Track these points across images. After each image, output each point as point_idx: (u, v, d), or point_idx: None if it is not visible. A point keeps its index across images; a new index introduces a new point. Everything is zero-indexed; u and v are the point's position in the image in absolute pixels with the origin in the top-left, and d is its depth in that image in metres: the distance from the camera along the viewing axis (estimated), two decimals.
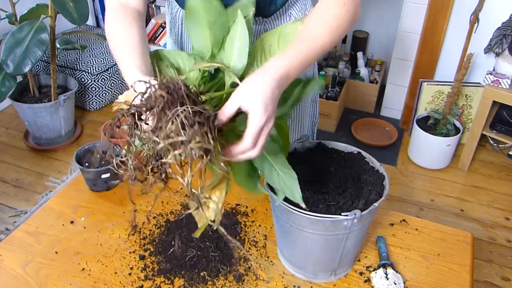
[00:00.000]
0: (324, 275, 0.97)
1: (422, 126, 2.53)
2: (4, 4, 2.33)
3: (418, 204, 2.36)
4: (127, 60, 0.85)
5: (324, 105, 2.78)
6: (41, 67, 3.00)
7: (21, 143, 2.71)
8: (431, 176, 2.54)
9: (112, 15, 0.93)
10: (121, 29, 0.91)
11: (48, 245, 1.05)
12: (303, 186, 0.92)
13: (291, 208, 0.85)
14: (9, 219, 2.20)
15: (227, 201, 1.17)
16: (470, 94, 2.58)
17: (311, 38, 0.82)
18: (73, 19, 2.20)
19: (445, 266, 1.02)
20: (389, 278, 0.95)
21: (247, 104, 0.72)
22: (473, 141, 2.45)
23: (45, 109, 2.51)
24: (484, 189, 2.46)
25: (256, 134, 0.72)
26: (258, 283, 0.97)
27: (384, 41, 3.16)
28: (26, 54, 2.18)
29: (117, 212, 1.14)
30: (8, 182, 2.42)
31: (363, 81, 3.03)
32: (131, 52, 0.86)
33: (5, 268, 0.99)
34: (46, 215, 1.14)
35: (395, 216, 1.14)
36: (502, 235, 2.18)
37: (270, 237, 1.08)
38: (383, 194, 0.89)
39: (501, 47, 2.33)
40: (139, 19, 0.94)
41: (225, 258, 1.00)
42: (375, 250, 1.05)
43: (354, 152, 1.02)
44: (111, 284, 0.96)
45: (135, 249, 1.04)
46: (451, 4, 2.45)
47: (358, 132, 2.84)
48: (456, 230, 1.11)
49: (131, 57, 0.85)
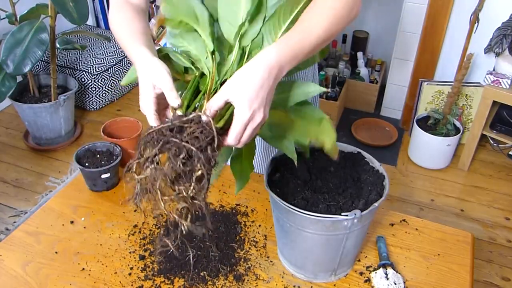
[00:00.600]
0: (324, 275, 0.97)
1: (422, 126, 2.53)
2: (4, 4, 2.33)
3: (418, 204, 2.36)
4: (134, 40, 0.85)
5: (324, 105, 2.78)
6: (41, 67, 3.00)
7: (21, 143, 2.71)
8: (431, 176, 2.54)
9: (116, 10, 0.94)
10: (126, 19, 0.91)
11: (48, 245, 1.05)
12: (303, 186, 0.92)
13: (291, 208, 0.85)
14: (9, 219, 2.20)
15: (227, 201, 1.17)
16: (470, 94, 2.58)
17: (307, 31, 0.80)
18: (73, 19, 2.20)
19: (445, 266, 1.02)
20: (389, 278, 0.95)
21: (233, 97, 0.72)
22: (473, 141, 2.45)
23: (45, 109, 2.51)
24: (484, 189, 2.46)
25: (240, 131, 0.72)
26: (258, 283, 0.96)
27: (384, 41, 3.16)
28: (26, 54, 2.18)
29: (117, 212, 1.14)
30: (8, 182, 2.42)
31: (363, 81, 3.03)
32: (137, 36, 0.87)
33: (5, 268, 0.99)
34: (46, 215, 1.14)
35: (395, 216, 1.14)
36: (502, 235, 2.18)
37: (270, 237, 1.07)
38: (383, 194, 0.89)
39: (501, 47, 2.33)
40: (143, 14, 0.95)
41: (225, 258, 1.00)
42: (375, 250, 1.05)
43: (354, 152, 1.02)
44: (111, 284, 0.96)
45: (135, 249, 1.04)
46: (451, 4, 2.45)
47: (358, 132, 2.84)
48: (456, 230, 1.11)
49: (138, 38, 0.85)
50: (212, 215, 1.12)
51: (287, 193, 0.91)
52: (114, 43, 3.09)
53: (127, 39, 0.87)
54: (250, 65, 0.74)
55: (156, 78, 0.76)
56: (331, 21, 0.82)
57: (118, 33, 0.90)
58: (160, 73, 0.76)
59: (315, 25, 0.80)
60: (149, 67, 0.78)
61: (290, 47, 0.77)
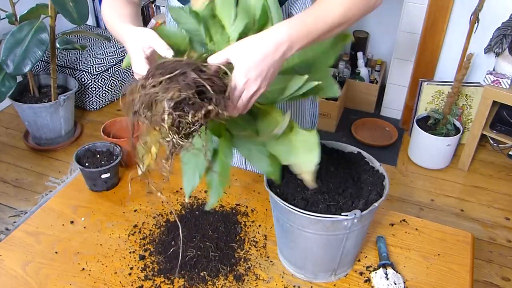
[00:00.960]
0: (324, 275, 0.97)
1: (422, 126, 2.52)
2: (4, 4, 2.33)
3: (418, 204, 2.36)
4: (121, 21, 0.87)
5: (324, 105, 2.78)
6: (41, 67, 3.00)
7: (21, 143, 2.71)
8: (431, 176, 2.54)
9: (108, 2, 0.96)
10: (117, 7, 0.93)
11: (48, 245, 1.05)
12: (303, 186, 0.92)
13: (291, 208, 0.85)
14: (9, 219, 2.20)
15: (227, 201, 1.17)
16: (470, 94, 2.58)
17: (322, 13, 0.78)
18: (73, 19, 2.20)
19: (445, 266, 1.02)
20: (389, 278, 0.95)
21: (234, 59, 0.72)
22: (473, 141, 2.45)
23: (45, 109, 2.51)
24: (484, 189, 2.46)
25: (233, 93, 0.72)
26: (258, 283, 0.96)
27: (384, 41, 3.16)
28: (26, 54, 2.18)
29: (117, 212, 1.14)
30: (8, 182, 2.42)
31: (363, 81, 3.03)
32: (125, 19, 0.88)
33: (5, 268, 0.99)
34: (46, 215, 1.14)
35: (395, 216, 1.14)
36: (502, 235, 2.18)
37: (270, 237, 1.07)
38: (383, 194, 0.89)
39: (501, 47, 2.33)
40: (134, 5, 0.97)
41: (225, 258, 1.00)
42: (375, 250, 1.05)
43: (354, 152, 1.02)
44: (111, 284, 0.96)
45: (135, 249, 1.04)
46: (451, 4, 2.45)
47: (358, 132, 2.84)
48: (456, 230, 1.11)
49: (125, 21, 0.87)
50: (212, 215, 1.12)
51: (287, 193, 0.91)
52: (114, 43, 3.09)
53: (116, 23, 0.88)
54: (259, 36, 0.74)
55: (143, 39, 0.77)
56: (349, 6, 0.80)
57: (109, 21, 0.92)
58: (146, 33, 0.77)
59: (332, 8, 0.79)
60: (135, 33, 0.79)
61: (303, 25, 0.75)
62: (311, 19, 0.76)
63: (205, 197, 1.18)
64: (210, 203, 0.87)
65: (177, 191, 1.20)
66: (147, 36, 0.77)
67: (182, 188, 1.20)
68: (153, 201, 1.17)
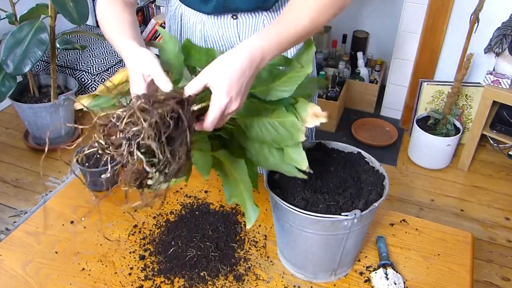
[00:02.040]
0: (324, 275, 0.97)
1: (422, 126, 2.53)
2: (4, 4, 2.33)
3: (418, 204, 2.36)
4: (121, 32, 0.85)
5: (324, 105, 2.78)
6: (41, 67, 3.00)
7: (21, 143, 2.71)
8: (431, 176, 2.54)
9: (104, 2, 0.93)
10: (113, 11, 0.91)
11: (48, 245, 1.05)
12: (303, 186, 0.92)
13: (291, 208, 0.85)
14: (9, 219, 2.20)
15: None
16: (470, 94, 2.58)
17: (291, 21, 0.79)
18: (73, 19, 2.20)
19: (445, 266, 1.02)
20: (389, 278, 0.95)
21: (212, 81, 0.71)
22: (473, 141, 2.45)
23: (45, 109, 2.51)
24: (484, 189, 2.46)
25: (217, 116, 0.72)
26: (258, 283, 0.96)
27: (384, 41, 3.16)
28: (26, 54, 2.18)
29: (117, 212, 1.14)
30: (8, 182, 2.42)
31: (363, 81, 3.03)
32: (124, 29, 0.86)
33: (5, 268, 0.99)
34: (46, 215, 1.14)
35: (395, 216, 1.14)
36: (502, 235, 2.18)
37: (270, 237, 1.07)
38: (383, 194, 0.89)
39: (501, 47, 2.33)
40: (130, 7, 0.95)
41: (225, 258, 1.00)
42: (375, 250, 1.05)
43: (354, 152, 1.02)
44: (111, 284, 0.96)
45: (135, 249, 1.04)
46: (451, 4, 2.45)
47: (358, 132, 2.84)
48: (456, 230, 1.11)
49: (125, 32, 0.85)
50: (212, 215, 1.12)
51: (287, 193, 0.91)
52: None
53: (114, 32, 0.87)
54: (233, 52, 0.73)
55: (145, 66, 0.75)
56: (319, 9, 0.81)
57: (105, 25, 0.90)
58: (149, 61, 0.75)
59: (301, 14, 0.80)
60: (137, 56, 0.77)
61: (274, 37, 0.76)
62: (281, 31, 0.77)
63: (205, 197, 1.18)
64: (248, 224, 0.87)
65: (177, 191, 1.20)
66: (149, 65, 0.75)
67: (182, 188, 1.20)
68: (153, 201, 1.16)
